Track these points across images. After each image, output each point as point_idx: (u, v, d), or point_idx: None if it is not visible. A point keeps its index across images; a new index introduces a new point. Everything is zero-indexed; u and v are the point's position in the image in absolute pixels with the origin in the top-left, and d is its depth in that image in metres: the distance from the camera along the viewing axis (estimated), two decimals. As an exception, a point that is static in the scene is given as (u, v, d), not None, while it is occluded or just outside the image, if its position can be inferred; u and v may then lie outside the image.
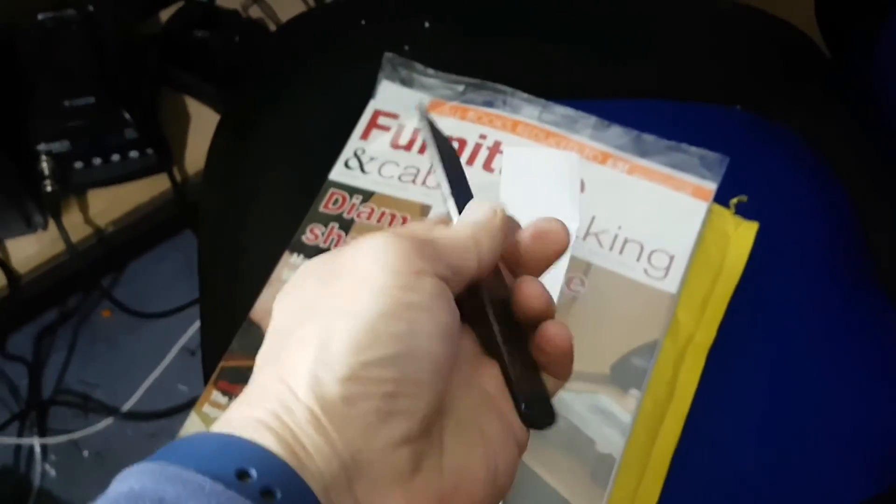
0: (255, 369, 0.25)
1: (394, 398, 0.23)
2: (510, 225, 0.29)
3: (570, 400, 0.46)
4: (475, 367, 0.28)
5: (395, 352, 0.23)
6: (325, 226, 0.53)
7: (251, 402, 0.23)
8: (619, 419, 0.46)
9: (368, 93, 0.59)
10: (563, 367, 0.28)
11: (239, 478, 0.20)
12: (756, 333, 0.50)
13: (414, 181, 0.54)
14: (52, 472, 0.92)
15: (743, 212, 0.53)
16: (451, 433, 0.25)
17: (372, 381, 0.22)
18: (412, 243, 0.25)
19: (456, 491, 0.25)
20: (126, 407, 0.94)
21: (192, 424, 0.48)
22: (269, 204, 0.58)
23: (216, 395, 0.49)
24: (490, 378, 0.28)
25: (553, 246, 0.29)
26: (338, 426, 0.22)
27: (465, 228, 0.27)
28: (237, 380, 0.49)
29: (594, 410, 0.46)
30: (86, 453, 0.93)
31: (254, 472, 0.21)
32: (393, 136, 0.57)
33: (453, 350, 0.25)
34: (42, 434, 0.93)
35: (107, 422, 0.93)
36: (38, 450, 0.92)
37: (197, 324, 0.95)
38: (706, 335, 0.49)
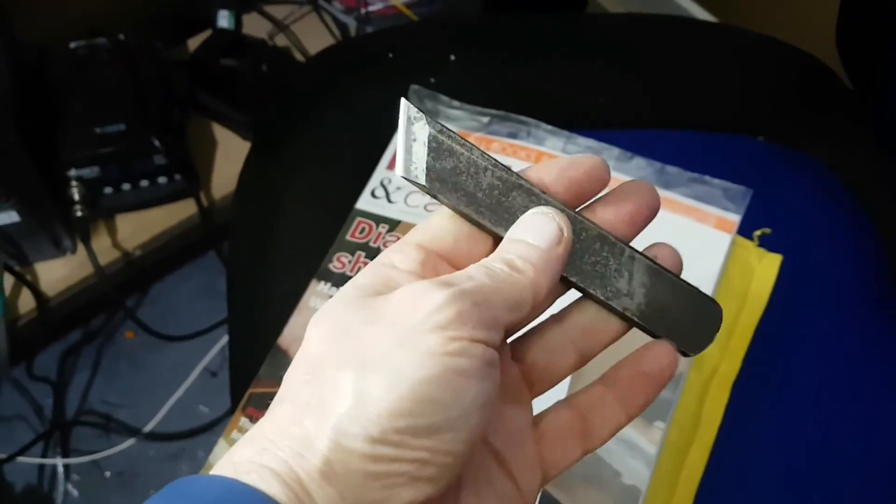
0: (278, 396, 0.24)
1: (424, 465, 0.22)
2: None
3: (595, 431, 0.46)
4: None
5: (434, 422, 0.21)
6: (352, 254, 0.54)
7: (264, 444, 0.22)
8: (644, 451, 0.46)
9: (395, 124, 0.59)
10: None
11: None
12: (781, 365, 0.50)
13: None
14: (75, 493, 0.92)
15: (767, 243, 0.53)
16: (468, 492, 0.24)
17: (405, 447, 0.21)
18: (470, 307, 0.22)
19: None
20: (148, 428, 0.95)
21: (220, 451, 0.49)
22: (297, 231, 0.59)
23: (244, 422, 0.49)
24: (498, 434, 0.26)
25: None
26: (351, 482, 0.21)
27: (525, 268, 0.24)
28: (265, 406, 0.49)
29: (619, 442, 0.46)
30: (108, 474, 0.94)
31: None
32: (419, 166, 0.57)
33: (491, 417, 0.24)
34: (65, 454, 0.94)
35: (129, 442, 0.94)
36: (60, 470, 0.93)
37: (219, 346, 0.96)
38: (731, 367, 0.49)
